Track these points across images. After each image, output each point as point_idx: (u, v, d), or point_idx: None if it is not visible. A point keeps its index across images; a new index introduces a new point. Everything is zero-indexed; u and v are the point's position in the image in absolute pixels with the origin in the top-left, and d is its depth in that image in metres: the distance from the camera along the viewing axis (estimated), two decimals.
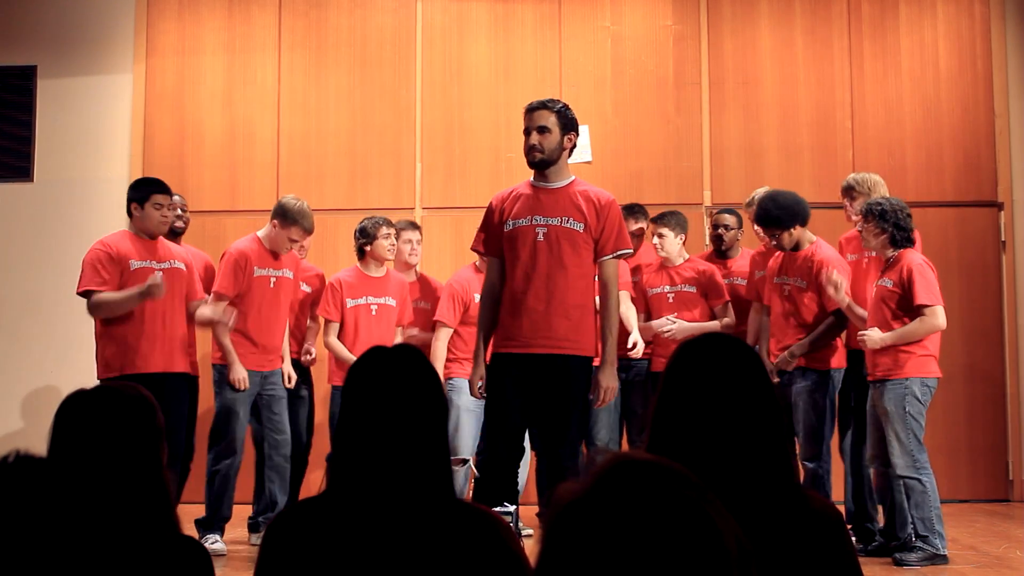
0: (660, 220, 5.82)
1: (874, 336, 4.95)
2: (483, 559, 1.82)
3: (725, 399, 1.85)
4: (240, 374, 5.32)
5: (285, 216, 5.46)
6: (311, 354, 5.92)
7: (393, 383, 1.89)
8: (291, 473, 5.54)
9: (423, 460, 1.87)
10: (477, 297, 5.62)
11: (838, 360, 5.27)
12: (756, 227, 5.61)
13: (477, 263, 5.80)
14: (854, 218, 5.39)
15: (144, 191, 5.21)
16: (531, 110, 4.28)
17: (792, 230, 5.25)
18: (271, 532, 1.91)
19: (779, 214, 5.25)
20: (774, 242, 5.36)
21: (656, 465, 1.08)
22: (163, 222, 5.20)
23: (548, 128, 4.23)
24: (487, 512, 1.93)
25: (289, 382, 5.64)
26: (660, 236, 5.77)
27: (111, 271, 5.04)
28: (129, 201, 5.24)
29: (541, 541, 1.10)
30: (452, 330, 5.76)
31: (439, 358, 5.73)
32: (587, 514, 1.05)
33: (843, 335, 5.34)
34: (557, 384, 4.16)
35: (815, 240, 5.35)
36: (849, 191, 5.47)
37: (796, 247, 5.31)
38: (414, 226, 6.17)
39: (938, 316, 4.91)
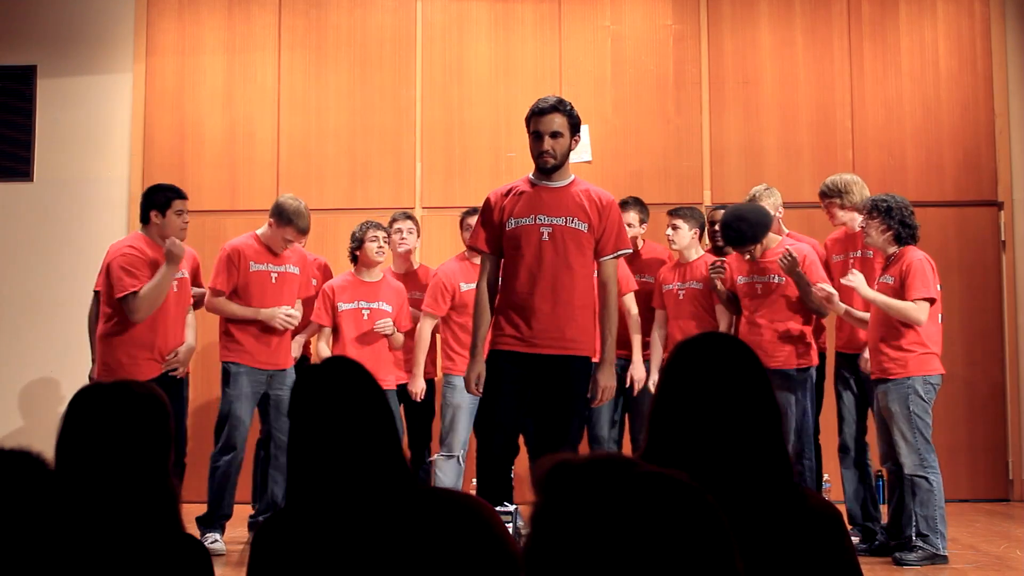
0: (676, 212, 5.85)
1: (860, 280, 4.96)
2: (462, 541, 1.84)
3: (723, 398, 1.85)
4: (270, 312, 5.40)
5: (281, 216, 5.47)
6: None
7: (329, 395, 1.95)
8: None
9: (374, 457, 1.91)
10: (463, 286, 5.66)
11: (814, 358, 5.31)
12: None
13: (466, 252, 5.81)
14: (840, 220, 5.43)
15: (166, 197, 5.26)
16: (543, 113, 4.21)
17: (763, 241, 5.32)
18: (257, 544, 1.96)
19: (752, 232, 5.27)
20: (747, 256, 5.38)
21: (643, 471, 1.08)
22: (183, 228, 5.28)
23: (561, 133, 4.21)
24: (464, 496, 1.99)
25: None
26: (675, 228, 5.77)
27: (146, 273, 5.13)
28: (148, 208, 5.27)
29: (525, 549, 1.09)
30: (437, 319, 5.78)
31: (423, 346, 5.75)
32: (568, 521, 1.05)
33: (831, 336, 5.36)
34: (559, 384, 4.17)
35: (780, 238, 5.38)
36: (823, 196, 5.50)
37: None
38: (407, 216, 6.17)
39: (921, 311, 4.89)
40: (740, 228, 5.26)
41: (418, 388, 5.74)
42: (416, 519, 1.86)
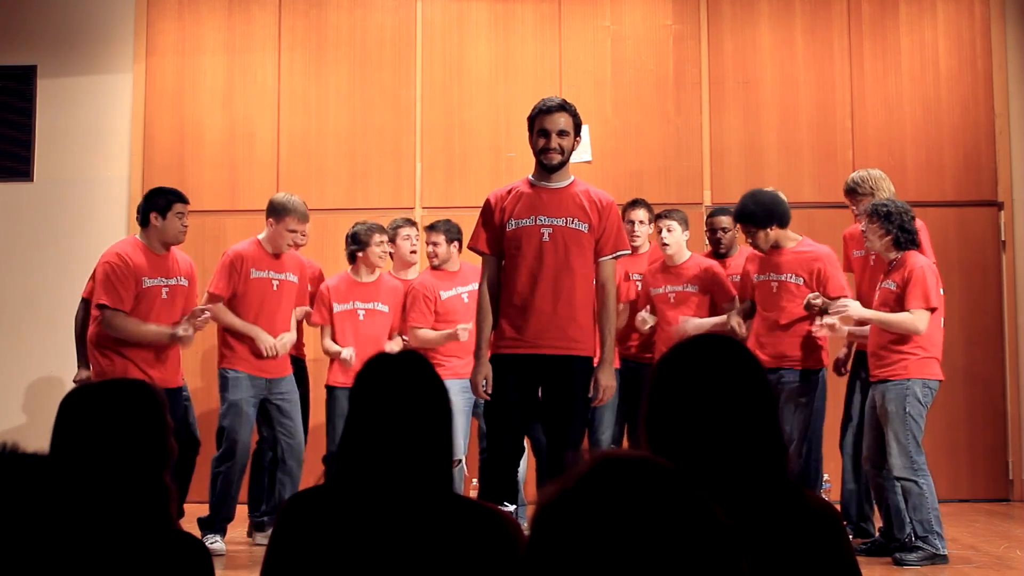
0: (667, 215, 5.81)
1: (854, 306, 4.96)
2: (485, 552, 1.87)
3: (719, 400, 1.85)
4: (268, 342, 5.36)
5: (276, 210, 5.49)
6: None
7: (398, 389, 1.99)
8: None
9: (425, 459, 1.96)
10: (443, 294, 5.79)
11: (826, 358, 5.30)
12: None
13: (435, 263, 5.90)
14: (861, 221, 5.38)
15: (167, 200, 5.22)
16: (550, 111, 4.26)
17: (769, 230, 5.25)
18: (286, 512, 2.01)
19: (755, 210, 5.24)
20: (749, 240, 5.36)
21: (642, 461, 1.09)
22: (183, 231, 5.25)
23: (567, 131, 4.26)
24: (493, 509, 2.01)
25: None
26: (669, 230, 5.73)
27: (129, 289, 5.06)
28: (148, 210, 5.22)
29: (528, 542, 1.10)
30: (428, 329, 5.81)
31: (438, 341, 5.80)
32: (573, 513, 1.05)
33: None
34: (562, 384, 4.19)
35: (799, 239, 5.34)
36: (852, 194, 5.46)
37: (775, 245, 5.30)
38: (411, 223, 6.20)
39: (920, 321, 4.86)
40: (745, 204, 5.29)
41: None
42: (444, 523, 1.91)
